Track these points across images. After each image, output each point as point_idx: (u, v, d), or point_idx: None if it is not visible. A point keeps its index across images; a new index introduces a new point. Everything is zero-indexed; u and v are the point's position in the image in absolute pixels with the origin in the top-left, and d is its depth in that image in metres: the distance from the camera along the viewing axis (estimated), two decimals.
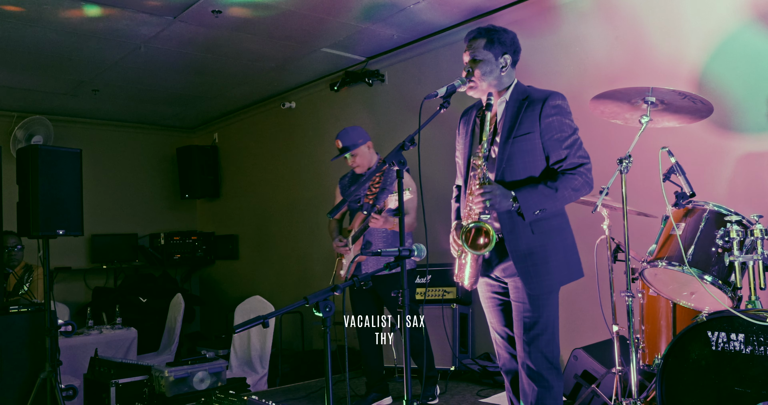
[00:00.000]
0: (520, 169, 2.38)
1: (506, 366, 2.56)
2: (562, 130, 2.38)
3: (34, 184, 3.52)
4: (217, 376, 4.05)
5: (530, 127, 2.37)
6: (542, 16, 4.33)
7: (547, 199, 2.30)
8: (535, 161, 2.39)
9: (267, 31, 4.81)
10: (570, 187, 2.34)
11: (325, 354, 1.88)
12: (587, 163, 2.40)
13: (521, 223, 2.33)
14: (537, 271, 2.33)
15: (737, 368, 2.35)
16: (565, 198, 2.34)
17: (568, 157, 2.37)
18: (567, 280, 2.40)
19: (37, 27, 4.55)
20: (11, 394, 3.59)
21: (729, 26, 3.47)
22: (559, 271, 2.36)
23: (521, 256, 2.33)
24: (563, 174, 2.36)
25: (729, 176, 3.46)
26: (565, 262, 2.39)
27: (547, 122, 2.37)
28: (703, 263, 2.62)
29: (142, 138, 7.95)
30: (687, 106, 2.85)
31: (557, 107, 2.38)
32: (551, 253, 2.35)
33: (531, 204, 2.28)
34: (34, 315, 3.74)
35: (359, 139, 3.74)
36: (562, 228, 2.42)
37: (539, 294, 2.34)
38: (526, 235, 2.34)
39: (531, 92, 2.45)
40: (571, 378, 3.45)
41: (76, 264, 7.17)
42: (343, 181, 4.00)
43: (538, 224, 2.34)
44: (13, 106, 6.69)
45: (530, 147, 2.37)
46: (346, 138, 3.74)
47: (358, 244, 3.70)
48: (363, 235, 3.69)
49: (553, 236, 2.37)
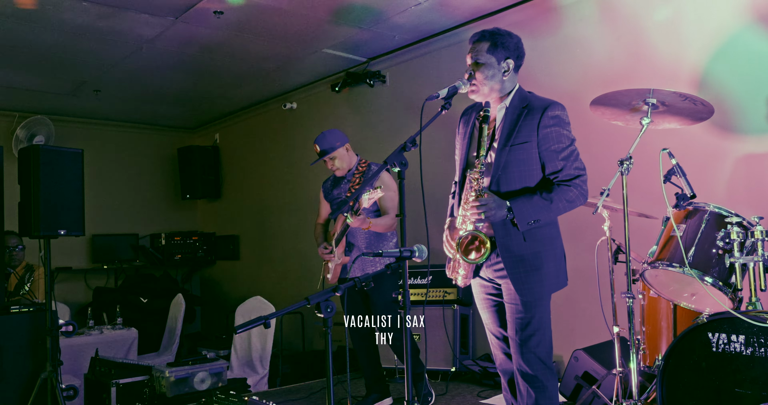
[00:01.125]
0: (516, 177, 2.39)
1: (502, 366, 2.58)
2: (560, 141, 2.39)
3: (35, 184, 3.53)
4: (218, 377, 4.05)
5: (528, 136, 2.38)
6: (544, 18, 4.33)
7: (541, 210, 2.33)
8: (530, 170, 2.40)
9: (268, 31, 4.81)
10: (565, 199, 2.36)
11: (326, 354, 1.88)
12: (583, 175, 2.41)
13: (514, 231, 2.35)
14: (529, 278, 2.35)
15: (738, 369, 2.35)
16: (559, 209, 2.36)
17: (564, 169, 2.39)
18: (555, 289, 2.43)
19: (39, 27, 4.56)
20: (12, 393, 3.60)
21: (729, 28, 3.48)
22: (550, 280, 2.39)
23: (513, 262, 2.36)
24: (558, 185, 2.38)
25: (729, 178, 3.46)
26: (555, 271, 2.42)
27: (545, 132, 2.38)
28: (704, 264, 2.62)
29: (143, 138, 7.95)
30: (688, 108, 2.85)
31: (556, 118, 2.39)
32: (544, 261, 2.37)
33: (526, 215, 2.31)
34: (35, 315, 3.75)
35: (336, 142, 3.72)
36: (553, 237, 2.44)
37: (531, 300, 2.37)
38: (518, 242, 2.36)
39: (531, 100, 2.45)
40: (571, 379, 3.45)
41: (77, 264, 7.17)
42: (326, 185, 4.00)
43: (530, 232, 2.36)
44: (15, 106, 6.70)
45: (526, 156, 2.39)
46: (323, 142, 3.72)
47: (341, 247, 3.70)
48: (345, 237, 3.69)
49: (546, 244, 2.40)
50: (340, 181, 3.86)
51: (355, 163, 3.83)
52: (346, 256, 3.69)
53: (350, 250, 3.69)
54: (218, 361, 4.17)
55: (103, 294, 6.76)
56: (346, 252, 3.69)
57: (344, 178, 3.83)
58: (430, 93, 2.39)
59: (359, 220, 3.44)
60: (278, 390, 4.52)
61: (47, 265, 3.61)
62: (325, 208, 4.00)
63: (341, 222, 3.64)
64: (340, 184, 3.86)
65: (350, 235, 3.70)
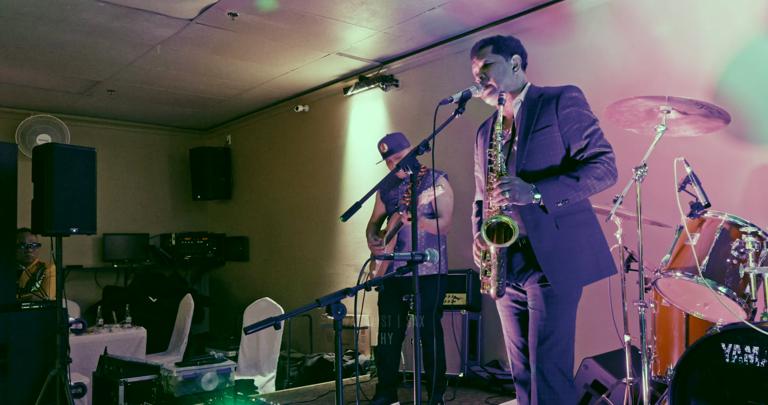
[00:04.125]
0: (540, 163, 2.33)
1: (520, 376, 2.51)
2: (581, 121, 2.34)
3: (49, 182, 3.54)
4: (225, 377, 4.06)
5: (548, 120, 2.34)
6: (558, 24, 4.32)
7: (569, 188, 2.23)
8: (555, 154, 2.34)
9: (282, 34, 4.83)
10: (592, 176, 2.26)
11: (336, 357, 1.87)
12: (609, 152, 2.33)
13: (545, 217, 2.27)
14: (563, 268, 2.26)
15: (751, 381, 2.32)
16: (588, 187, 2.26)
17: (588, 146, 2.32)
18: (597, 277, 2.33)
19: (55, 27, 4.60)
20: (22, 389, 3.61)
21: (746, 36, 3.45)
22: (587, 268, 2.30)
23: (546, 254, 2.27)
24: (585, 163, 2.31)
25: (745, 187, 3.43)
26: (593, 257, 2.32)
27: (565, 114, 2.33)
28: (718, 274, 2.59)
29: (155, 138, 8.00)
30: (703, 116, 2.83)
31: (573, 99, 2.35)
32: (577, 248, 2.29)
33: (552, 194, 2.22)
34: (46, 312, 3.77)
35: (404, 143, 3.84)
36: (589, 223, 2.35)
37: (563, 294, 2.28)
38: (550, 231, 2.28)
39: (545, 90, 2.43)
40: (581, 387, 3.42)
41: (88, 262, 7.22)
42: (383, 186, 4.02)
43: (563, 219, 2.29)
44: (29, 104, 6.76)
45: (549, 140, 2.33)
46: (391, 141, 3.83)
47: (392, 244, 3.72)
48: (397, 235, 3.70)
49: (579, 232, 2.31)
50: (399, 183, 3.89)
51: None
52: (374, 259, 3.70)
53: (400, 248, 3.69)
54: (226, 361, 4.17)
55: (112, 293, 6.79)
56: (396, 250, 3.70)
57: (403, 180, 3.86)
58: (443, 97, 2.39)
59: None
60: (285, 392, 4.51)
61: (59, 263, 3.62)
62: (379, 208, 4.05)
63: (395, 220, 3.69)
64: (398, 186, 3.89)
65: (402, 234, 3.73)
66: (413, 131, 5.26)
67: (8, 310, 3.66)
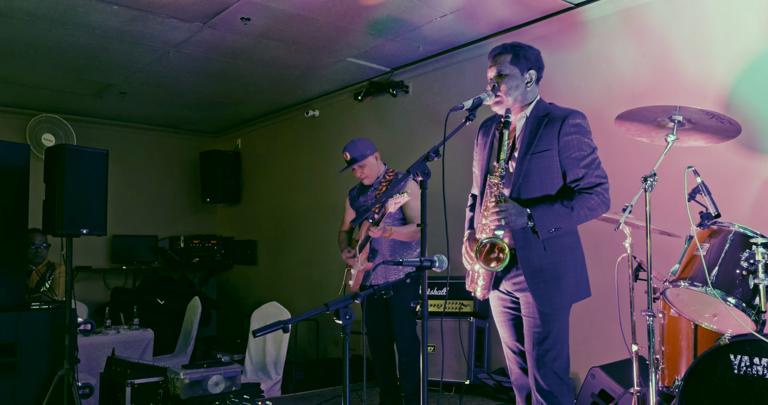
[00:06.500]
0: (537, 186, 2.39)
1: (518, 381, 2.56)
2: (581, 149, 2.38)
3: (60, 183, 3.57)
4: (232, 381, 4.06)
5: (549, 144, 2.38)
6: (568, 32, 4.32)
7: (562, 218, 2.31)
8: (551, 179, 2.40)
9: (294, 39, 4.86)
10: (586, 207, 2.35)
11: (343, 362, 1.88)
12: (605, 183, 2.40)
13: (534, 239, 2.34)
14: (548, 288, 2.34)
15: (760, 393, 2.31)
16: (580, 217, 2.35)
17: (585, 177, 2.38)
18: (576, 299, 2.41)
19: (68, 29, 4.64)
20: (30, 389, 3.64)
21: (758, 46, 3.44)
22: (570, 290, 2.38)
23: (533, 272, 2.35)
24: (580, 193, 2.37)
25: (755, 198, 3.41)
26: (576, 280, 2.40)
27: (566, 140, 2.38)
28: (727, 285, 2.58)
29: (166, 141, 8.04)
30: (714, 126, 2.82)
31: (577, 126, 2.39)
32: (563, 271, 2.36)
33: (546, 222, 2.30)
34: (55, 312, 3.79)
35: (366, 151, 3.78)
36: (574, 247, 2.43)
37: (550, 311, 2.35)
38: (538, 252, 2.35)
39: (552, 110, 2.46)
40: (587, 397, 3.41)
41: (97, 264, 7.25)
42: (352, 193, 4.04)
43: (550, 242, 2.35)
44: (41, 106, 6.81)
45: (547, 164, 2.39)
46: (354, 150, 3.78)
47: (365, 253, 3.71)
48: (369, 244, 3.70)
49: (566, 254, 2.38)
50: (367, 190, 3.90)
51: (383, 172, 3.87)
52: (369, 263, 3.70)
53: (374, 256, 3.70)
54: (232, 365, 4.18)
55: (121, 294, 6.82)
56: (370, 258, 3.71)
57: (371, 186, 3.87)
58: (453, 104, 2.41)
59: (380, 230, 3.47)
60: (291, 396, 4.52)
61: (69, 264, 3.65)
62: (350, 215, 4.03)
63: (365, 228, 3.67)
64: (366, 192, 3.90)
65: (375, 242, 3.72)
66: (422, 137, 5.27)
67: (18, 310, 3.69)
